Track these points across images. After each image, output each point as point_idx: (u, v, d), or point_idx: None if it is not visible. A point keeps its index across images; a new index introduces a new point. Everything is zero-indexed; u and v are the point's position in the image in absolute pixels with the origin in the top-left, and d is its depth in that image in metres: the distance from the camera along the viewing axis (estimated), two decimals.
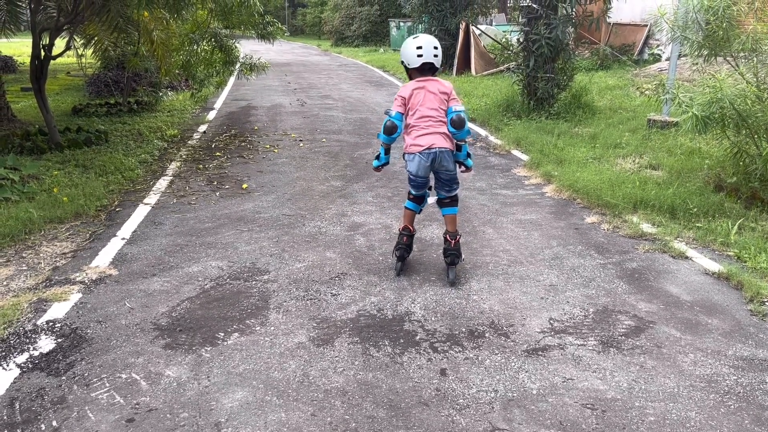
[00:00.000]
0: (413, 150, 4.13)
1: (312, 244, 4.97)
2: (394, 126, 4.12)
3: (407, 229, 4.41)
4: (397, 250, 4.42)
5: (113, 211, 5.87)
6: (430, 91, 4.13)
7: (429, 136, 4.09)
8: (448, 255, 4.30)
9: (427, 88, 4.13)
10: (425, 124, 4.11)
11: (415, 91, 4.13)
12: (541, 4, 9.91)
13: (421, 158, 4.11)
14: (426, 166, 4.13)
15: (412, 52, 4.13)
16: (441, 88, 4.16)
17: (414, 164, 4.15)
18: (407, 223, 4.42)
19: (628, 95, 12.23)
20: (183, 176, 7.08)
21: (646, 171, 6.90)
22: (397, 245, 4.42)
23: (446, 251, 4.32)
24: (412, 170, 4.19)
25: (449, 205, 4.37)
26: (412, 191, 4.38)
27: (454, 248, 4.29)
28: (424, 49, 4.12)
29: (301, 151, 8.45)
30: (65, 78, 17.81)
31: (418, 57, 4.12)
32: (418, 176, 4.21)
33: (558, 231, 5.32)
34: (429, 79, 4.17)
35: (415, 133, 4.13)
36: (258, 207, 5.95)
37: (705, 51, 6.13)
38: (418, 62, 4.13)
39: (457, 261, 4.32)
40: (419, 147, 4.10)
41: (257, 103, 13.14)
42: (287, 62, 24.07)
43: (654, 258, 4.74)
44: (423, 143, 4.09)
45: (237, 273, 4.42)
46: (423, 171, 4.17)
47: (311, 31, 50.59)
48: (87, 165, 7.35)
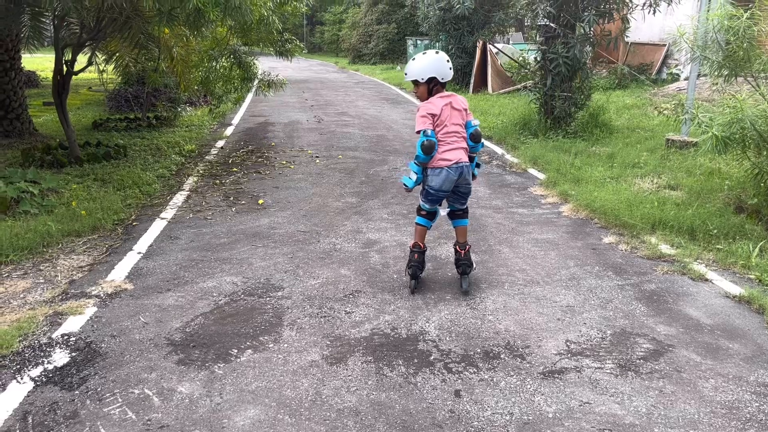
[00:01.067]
0: (441, 164, 4.16)
1: (326, 261, 4.96)
2: (432, 144, 4.10)
3: (418, 246, 4.41)
4: (409, 268, 4.41)
5: (130, 225, 5.91)
6: (455, 108, 4.22)
7: (455, 151, 4.18)
8: (460, 265, 4.42)
9: (452, 104, 4.22)
10: (451, 139, 4.19)
11: (444, 107, 4.19)
12: (558, 24, 9.91)
13: (449, 172, 4.16)
14: (453, 180, 4.19)
15: (444, 66, 4.19)
16: (462, 104, 4.29)
17: (440, 178, 4.18)
18: (418, 240, 4.42)
19: (646, 114, 12.16)
20: (200, 191, 7.12)
21: (664, 191, 6.82)
22: (410, 263, 4.42)
23: (458, 261, 4.44)
24: (436, 185, 4.21)
25: (461, 216, 4.48)
26: (426, 206, 4.37)
27: (464, 258, 4.39)
28: (450, 63, 4.24)
29: (317, 167, 8.47)
30: (87, 93, 18.09)
31: (450, 70, 4.22)
32: (441, 191, 4.25)
33: (575, 251, 5.27)
34: (451, 95, 4.27)
35: (442, 148, 4.17)
36: (273, 223, 5.96)
37: (725, 71, 6.09)
38: (450, 75, 4.23)
39: (469, 270, 4.41)
40: (448, 161, 4.15)
41: (275, 119, 13.23)
42: (305, 79, 24.27)
43: (673, 280, 4.66)
44: (452, 158, 4.16)
45: (251, 289, 4.41)
46: (448, 185, 4.22)
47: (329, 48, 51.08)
48: (105, 179, 7.43)
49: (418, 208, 4.47)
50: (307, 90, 19.87)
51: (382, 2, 35.39)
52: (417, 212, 4.48)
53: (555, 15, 9.93)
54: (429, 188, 4.28)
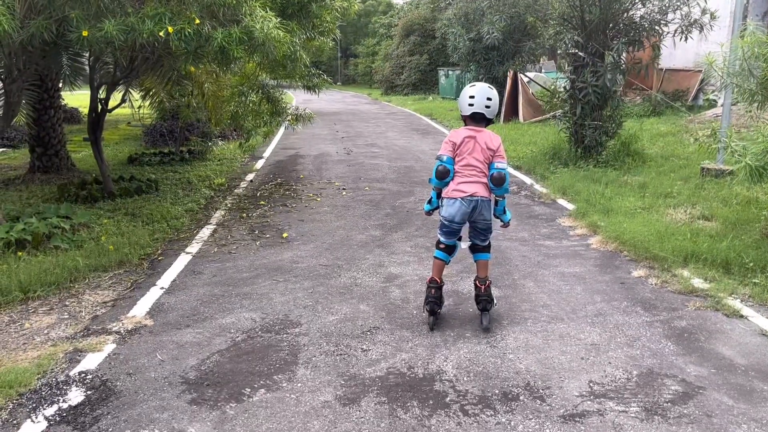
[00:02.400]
0: (455, 195, 4.15)
1: (346, 296, 4.91)
2: (446, 170, 4.16)
3: (435, 281, 4.33)
4: (427, 304, 4.32)
5: (156, 259, 5.98)
6: (479, 143, 4.18)
7: (472, 185, 4.14)
8: (480, 301, 4.31)
9: (477, 139, 4.18)
10: (469, 172, 4.16)
11: (466, 139, 4.19)
12: (587, 52, 9.83)
13: (462, 204, 4.13)
14: (465, 212, 4.16)
15: (465, 101, 4.23)
16: (489, 143, 4.20)
17: (453, 209, 4.16)
18: (436, 275, 4.36)
19: (681, 142, 11.90)
20: (226, 225, 7.18)
21: (698, 222, 6.61)
22: (427, 299, 4.33)
23: (478, 297, 4.34)
24: (449, 215, 4.19)
25: (483, 250, 4.41)
26: (442, 239, 4.35)
27: (485, 294, 4.29)
28: (476, 99, 4.19)
29: (344, 199, 8.48)
30: (126, 128, 18.62)
31: (469, 106, 4.20)
32: (453, 222, 4.21)
33: (602, 285, 5.11)
34: (480, 131, 4.22)
35: (458, 179, 4.17)
36: (296, 256, 5.95)
37: (758, 98, 5.91)
38: (468, 111, 4.22)
39: (489, 306, 4.31)
40: (462, 193, 4.14)
41: (305, 151, 13.37)
42: (337, 111, 24.56)
43: (705, 316, 4.47)
44: (466, 190, 4.13)
45: (269, 325, 4.38)
46: (460, 217, 4.18)
47: (362, 80, 51.75)
48: (135, 213, 7.56)
49: (437, 241, 4.42)
50: (338, 122, 20.08)
51: (414, 34, 35.78)
52: (436, 246, 4.43)
53: (583, 44, 9.85)
54: (442, 218, 4.27)
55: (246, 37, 5.84)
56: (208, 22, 5.91)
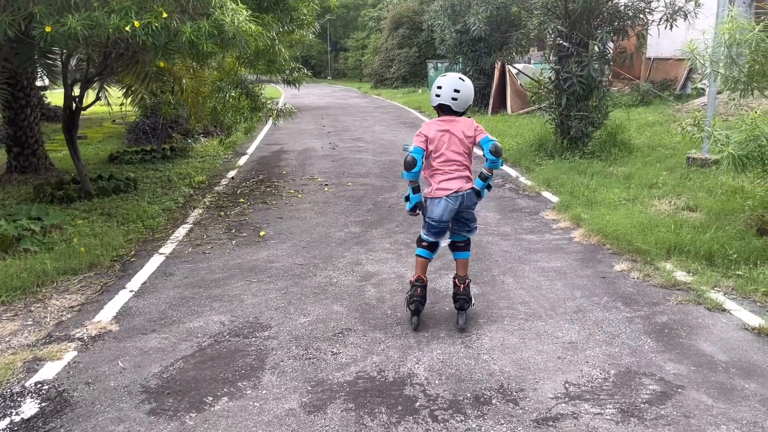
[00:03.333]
0: (439, 194, 4.02)
1: (320, 296, 4.77)
2: (413, 160, 3.94)
3: (420, 280, 4.19)
4: (411, 303, 4.17)
5: (128, 261, 5.82)
6: (454, 135, 4.01)
7: (454, 181, 4.01)
8: (458, 300, 4.19)
9: (451, 131, 4.01)
10: (450, 168, 4.02)
11: (438, 132, 4.01)
12: (571, 42, 9.69)
13: (448, 202, 4.01)
14: (453, 209, 4.03)
15: (433, 90, 4.07)
16: (465, 131, 4.02)
17: (440, 208, 4.03)
18: (420, 273, 4.20)
19: (668, 132, 11.79)
20: (203, 224, 7.02)
21: (682, 213, 6.50)
22: (411, 298, 4.18)
23: (455, 296, 4.22)
24: (436, 215, 4.05)
25: (463, 249, 4.28)
26: (429, 238, 4.17)
27: (463, 293, 4.18)
28: (443, 90, 4.00)
29: (325, 195, 8.33)
30: (110, 126, 18.36)
31: (436, 97, 4.04)
32: (441, 221, 4.07)
33: (583, 280, 4.99)
34: (453, 121, 4.04)
35: (440, 177, 4.03)
36: (272, 256, 5.80)
37: (740, 86, 5.79)
38: (435, 102, 4.07)
39: (467, 306, 4.19)
40: (446, 191, 4.00)
41: (290, 147, 13.20)
42: (325, 105, 24.36)
43: (687, 310, 4.36)
44: (450, 187, 4.00)
45: (238, 329, 4.24)
46: (448, 215, 4.06)
47: (352, 74, 51.48)
48: (111, 213, 7.39)
49: (418, 239, 4.26)
50: (326, 116, 19.90)
51: (403, 27, 35.55)
52: (417, 243, 4.27)
53: (567, 33, 9.71)
54: (430, 219, 4.10)
55: (216, 31, 5.67)
56: (177, 16, 5.74)
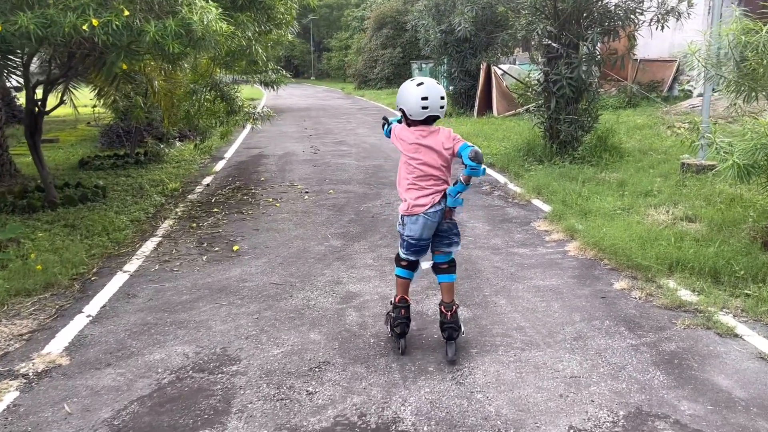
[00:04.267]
0: (417, 211, 3.70)
1: (296, 322, 4.35)
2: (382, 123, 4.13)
3: (404, 300, 3.88)
4: (396, 326, 3.84)
5: (88, 280, 5.35)
6: (433, 149, 3.65)
7: (431, 197, 3.69)
8: (446, 329, 3.80)
9: (430, 144, 3.65)
10: (427, 183, 3.70)
11: (416, 146, 3.67)
12: (560, 43, 9.35)
13: (426, 219, 3.70)
14: (431, 225, 3.72)
15: (416, 103, 3.59)
16: (444, 142, 3.66)
17: (418, 226, 3.71)
18: (402, 293, 3.89)
19: (658, 135, 11.52)
20: (173, 237, 6.56)
21: (681, 224, 6.16)
22: (396, 321, 3.85)
23: (443, 325, 3.82)
24: (415, 234, 3.73)
25: (447, 271, 3.88)
26: (409, 257, 3.85)
27: (451, 321, 3.78)
28: (430, 101, 3.59)
29: (305, 204, 7.90)
30: (84, 129, 17.76)
31: (423, 109, 3.60)
32: (421, 239, 3.76)
33: (581, 301, 4.62)
34: (432, 132, 3.67)
35: (415, 193, 3.71)
36: (245, 273, 5.37)
37: (744, 90, 5.47)
38: (422, 115, 3.63)
39: (455, 335, 3.80)
40: (423, 207, 3.69)
41: (270, 150, 12.74)
42: (308, 107, 23.90)
43: (696, 336, 4.00)
44: (425, 203, 3.69)
45: (203, 362, 3.80)
46: (427, 233, 3.75)
47: (336, 74, 51.00)
48: (76, 225, 6.91)
49: (397, 256, 3.93)
50: (308, 118, 19.45)
51: (387, 27, 35.17)
52: (396, 262, 3.94)
53: (556, 34, 9.37)
54: (409, 238, 3.77)
55: (183, 31, 5.22)
56: (142, 15, 5.30)
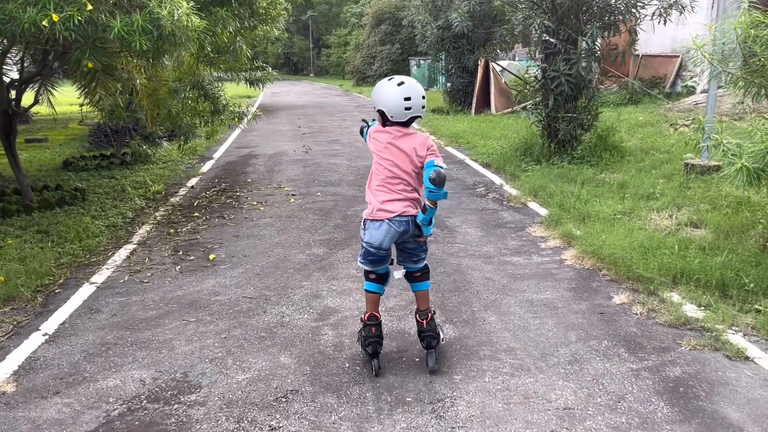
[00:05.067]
0: (381, 216, 3.44)
1: (266, 343, 4.00)
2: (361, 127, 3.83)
3: (374, 318, 3.64)
4: (368, 345, 3.59)
5: (52, 292, 5.01)
6: (404, 152, 3.41)
7: (399, 203, 3.43)
8: (424, 338, 3.62)
9: (403, 146, 3.42)
10: (397, 188, 3.44)
11: (389, 145, 3.43)
12: (559, 38, 8.98)
13: (390, 226, 3.43)
14: (394, 234, 3.46)
15: (398, 103, 3.35)
16: (418, 149, 3.42)
17: (380, 233, 3.44)
18: (372, 310, 3.65)
19: (660, 133, 11.15)
20: (148, 244, 6.22)
21: (685, 230, 5.81)
22: (366, 340, 3.60)
23: (421, 334, 3.64)
24: (376, 241, 3.46)
25: (420, 279, 3.67)
26: (369, 268, 3.60)
27: (428, 329, 3.60)
28: (413, 101, 3.35)
29: (290, 208, 7.55)
30: (75, 127, 17.45)
31: (407, 110, 3.36)
32: (381, 248, 3.49)
33: (578, 317, 4.26)
34: (406, 134, 3.44)
35: (383, 196, 3.44)
36: (218, 285, 5.02)
37: (753, 87, 5.11)
38: (405, 116, 3.39)
39: (435, 343, 3.61)
40: (389, 213, 3.42)
41: (260, 150, 12.39)
42: (304, 104, 23.54)
43: (703, 359, 3.65)
44: (393, 209, 3.42)
45: (160, 390, 3.46)
46: (388, 242, 3.49)
47: (335, 71, 50.68)
48: (49, 230, 6.58)
49: (365, 271, 3.65)
50: (303, 116, 19.10)
51: (385, 23, 34.79)
52: (365, 276, 3.67)
53: (555, 29, 9.00)
54: (368, 245, 3.50)
55: (151, 26, 4.87)
56: (107, 9, 4.95)
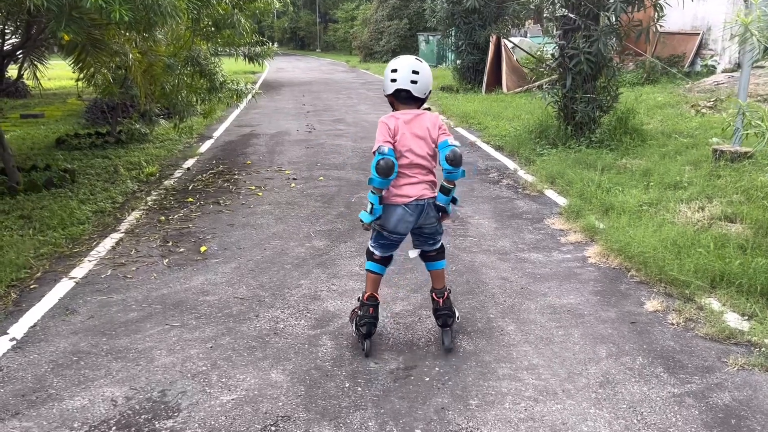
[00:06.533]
0: (397, 201, 3.38)
1: (257, 354, 3.56)
2: (390, 165, 3.21)
3: (373, 298, 3.58)
4: (362, 325, 3.53)
5: (27, 288, 4.59)
6: (417, 135, 3.37)
7: (416, 186, 3.40)
8: (440, 316, 3.63)
9: (413, 129, 3.37)
10: (413, 171, 3.40)
11: (400, 130, 3.36)
12: (579, 14, 8.40)
13: (405, 211, 3.38)
14: (409, 220, 3.42)
15: (387, 76, 3.43)
16: (431, 129, 3.40)
17: (395, 218, 3.40)
18: (372, 290, 3.60)
19: (682, 115, 10.58)
20: (136, 233, 5.77)
21: (720, 224, 5.31)
22: (362, 320, 3.53)
23: (436, 312, 3.66)
24: (390, 225, 3.43)
25: (436, 258, 3.67)
26: (377, 251, 3.56)
27: (443, 307, 3.61)
28: (399, 73, 3.35)
29: (291, 193, 7.08)
30: (74, 102, 16.93)
31: (392, 82, 3.38)
32: (395, 232, 3.46)
33: (607, 327, 3.81)
34: (417, 115, 3.40)
35: (400, 180, 3.37)
36: (208, 283, 4.58)
37: None
38: (391, 88, 3.41)
39: (450, 321, 3.62)
40: (406, 198, 3.38)
41: (262, 129, 11.89)
42: (309, 81, 22.94)
43: (754, 383, 3.19)
44: (411, 194, 3.38)
45: (132, 413, 3.03)
46: (404, 227, 3.45)
47: (342, 46, 49.79)
48: (33, 216, 6.15)
49: (368, 250, 3.62)
50: (308, 93, 18.53)
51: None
52: (368, 256, 3.63)
53: (575, 4, 8.42)
54: (382, 228, 3.48)
55: None
56: None
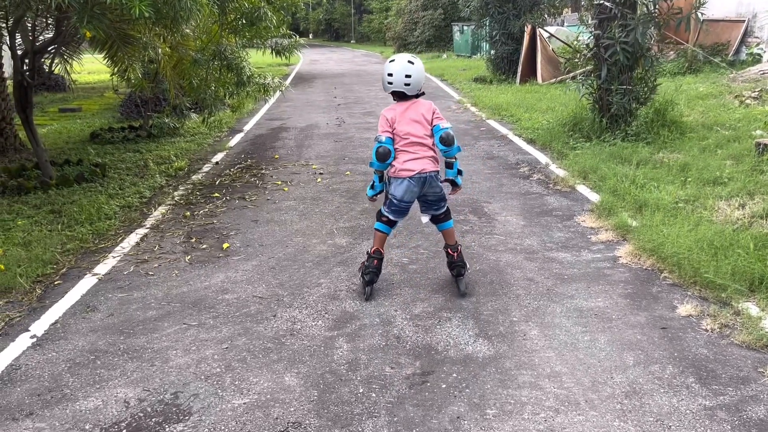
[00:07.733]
0: (403, 174, 4.01)
1: (272, 357, 3.50)
2: (387, 152, 4.00)
3: (378, 252, 4.18)
4: (366, 274, 4.17)
5: (52, 284, 4.63)
6: (414, 120, 4.01)
7: (419, 161, 4.01)
8: (454, 267, 4.26)
9: (410, 116, 4.01)
10: (414, 149, 4.02)
11: (399, 116, 4.02)
12: (615, 3, 8.11)
13: (410, 183, 4.01)
14: (414, 191, 4.04)
15: (384, 78, 4.03)
16: (426, 113, 4.05)
17: (402, 188, 4.04)
18: (378, 246, 4.19)
19: (724, 106, 10.15)
20: (161, 229, 5.79)
21: (761, 223, 5.06)
22: (367, 269, 4.17)
23: (451, 264, 4.29)
24: (398, 194, 4.06)
25: (444, 220, 4.30)
26: (390, 216, 4.17)
27: (457, 260, 4.24)
28: (395, 77, 3.97)
29: (317, 189, 7.03)
30: (111, 96, 17.21)
31: (389, 84, 4.02)
32: (403, 201, 4.08)
33: (636, 333, 3.64)
34: (413, 103, 4.06)
35: (404, 157, 4.02)
36: (228, 281, 4.55)
37: None
38: (388, 90, 4.05)
39: (463, 271, 4.25)
40: (410, 172, 4.00)
41: (292, 123, 11.87)
42: (342, 73, 22.89)
43: None
44: (414, 168, 4.00)
45: (144, 415, 3.00)
46: (409, 196, 4.07)
47: (376, 37, 49.57)
48: (62, 211, 6.23)
49: (378, 212, 4.23)
50: (340, 85, 18.48)
51: None
52: (377, 217, 4.23)
53: None
54: (392, 197, 4.10)
55: None
56: None
